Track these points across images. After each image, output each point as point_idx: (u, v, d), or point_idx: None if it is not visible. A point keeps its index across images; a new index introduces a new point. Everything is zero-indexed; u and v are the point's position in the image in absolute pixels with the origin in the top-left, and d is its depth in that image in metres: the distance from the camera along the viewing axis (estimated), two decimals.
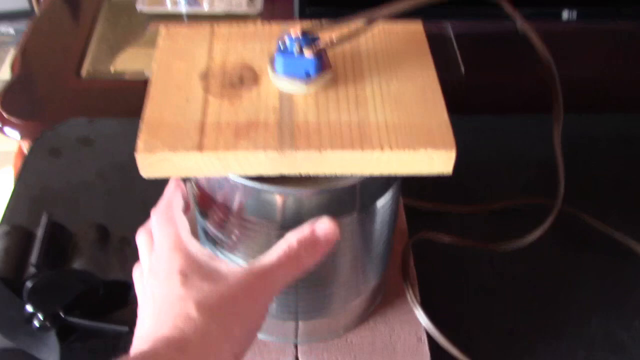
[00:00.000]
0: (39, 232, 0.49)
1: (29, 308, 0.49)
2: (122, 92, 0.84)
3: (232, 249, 0.44)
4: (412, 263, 0.56)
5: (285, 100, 0.40)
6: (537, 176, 0.70)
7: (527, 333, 0.58)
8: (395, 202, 0.47)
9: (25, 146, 0.80)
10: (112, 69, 0.89)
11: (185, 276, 0.36)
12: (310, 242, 0.38)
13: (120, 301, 0.52)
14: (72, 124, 0.75)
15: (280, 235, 0.42)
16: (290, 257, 0.37)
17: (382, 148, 0.37)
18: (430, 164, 0.38)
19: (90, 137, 0.73)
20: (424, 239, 0.60)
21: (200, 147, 0.37)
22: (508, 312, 0.59)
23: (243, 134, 0.38)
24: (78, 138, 0.73)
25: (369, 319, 0.52)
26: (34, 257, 0.48)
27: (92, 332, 0.52)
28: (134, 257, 0.54)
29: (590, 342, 0.57)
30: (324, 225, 0.38)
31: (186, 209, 0.42)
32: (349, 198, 0.42)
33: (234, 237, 0.44)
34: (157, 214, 0.41)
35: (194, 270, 0.37)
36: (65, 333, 0.52)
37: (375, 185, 0.42)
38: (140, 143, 0.37)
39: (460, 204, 0.67)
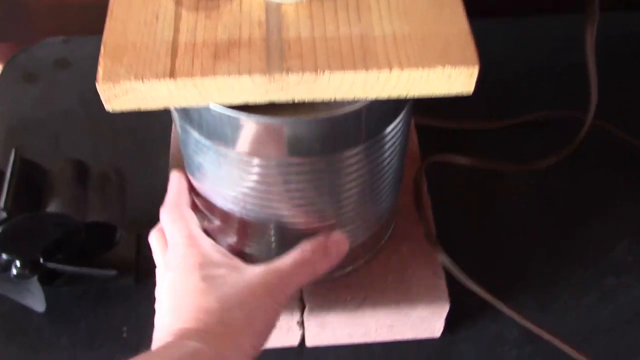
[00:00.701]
0: (7, 171, 0.44)
1: (5, 255, 0.45)
2: (101, 5, 0.75)
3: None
4: (425, 190, 0.51)
5: (273, 11, 0.34)
6: (565, 86, 0.64)
7: (552, 261, 0.53)
8: (406, 125, 0.41)
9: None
10: None
11: (205, 271, 0.38)
12: (323, 251, 0.40)
13: (105, 243, 0.47)
14: (46, 44, 0.69)
15: (277, 172, 0.37)
16: (305, 263, 0.39)
17: (390, 67, 0.31)
18: (447, 83, 0.32)
19: (67, 58, 0.68)
20: (439, 162, 0.55)
21: (172, 73, 0.32)
22: (532, 240, 0.55)
23: (223, 54, 0.32)
24: (54, 60, 0.68)
25: (380, 253, 0.48)
26: (2, 200, 0.43)
27: (78, 277, 0.48)
28: (116, 195, 0.49)
29: (619, 268, 0.53)
30: (336, 237, 0.41)
31: (193, 205, 0.42)
32: (352, 127, 0.36)
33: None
34: (166, 211, 0.42)
35: (211, 266, 0.38)
36: (50, 278, 0.48)
37: (383, 109, 0.37)
38: (101, 70, 0.33)
39: (477, 119, 0.61)
